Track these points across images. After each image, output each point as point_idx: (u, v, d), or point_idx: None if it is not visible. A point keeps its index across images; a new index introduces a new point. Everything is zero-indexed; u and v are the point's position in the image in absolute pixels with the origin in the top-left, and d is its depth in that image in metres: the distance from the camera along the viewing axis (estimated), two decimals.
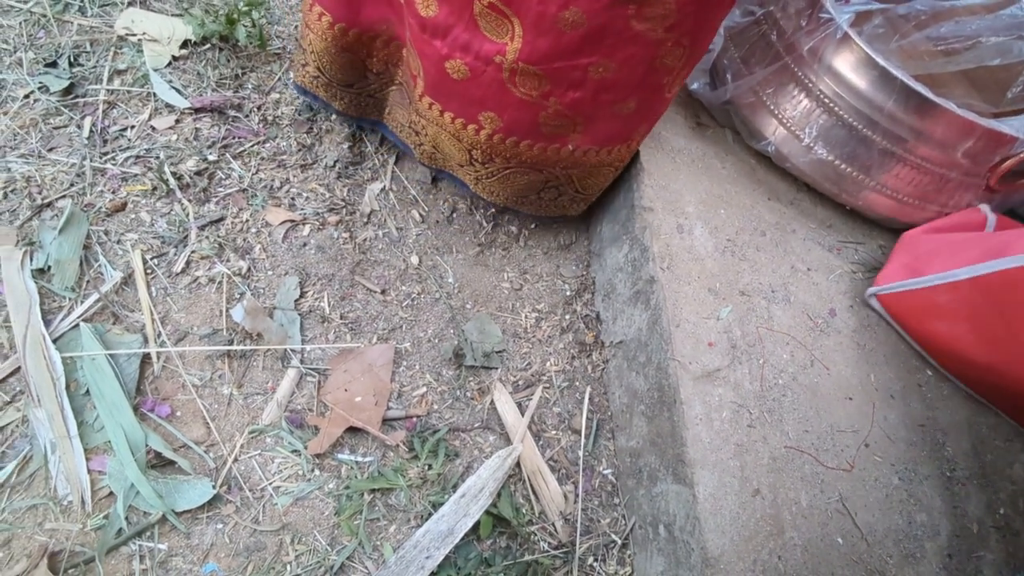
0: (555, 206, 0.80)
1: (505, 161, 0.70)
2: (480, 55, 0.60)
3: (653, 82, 0.63)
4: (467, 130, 0.68)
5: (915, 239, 0.73)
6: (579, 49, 0.57)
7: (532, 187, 0.75)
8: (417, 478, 0.64)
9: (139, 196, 0.76)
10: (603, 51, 0.58)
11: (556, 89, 0.61)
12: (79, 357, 0.64)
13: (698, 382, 0.60)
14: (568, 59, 0.58)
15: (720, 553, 0.52)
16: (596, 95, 0.62)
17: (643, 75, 0.61)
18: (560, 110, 0.63)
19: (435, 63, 0.63)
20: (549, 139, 0.67)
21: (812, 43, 0.72)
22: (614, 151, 0.71)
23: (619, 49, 0.58)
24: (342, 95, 0.78)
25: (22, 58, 0.83)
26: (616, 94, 0.62)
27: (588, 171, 0.73)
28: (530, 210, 0.80)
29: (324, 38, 0.72)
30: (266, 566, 0.58)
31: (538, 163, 0.70)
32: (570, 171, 0.73)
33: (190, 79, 0.86)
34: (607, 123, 0.66)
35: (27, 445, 0.60)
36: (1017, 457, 0.64)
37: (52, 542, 0.56)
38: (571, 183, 0.75)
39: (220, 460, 0.63)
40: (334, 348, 0.71)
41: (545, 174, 0.73)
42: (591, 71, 0.59)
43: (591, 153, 0.70)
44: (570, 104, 0.62)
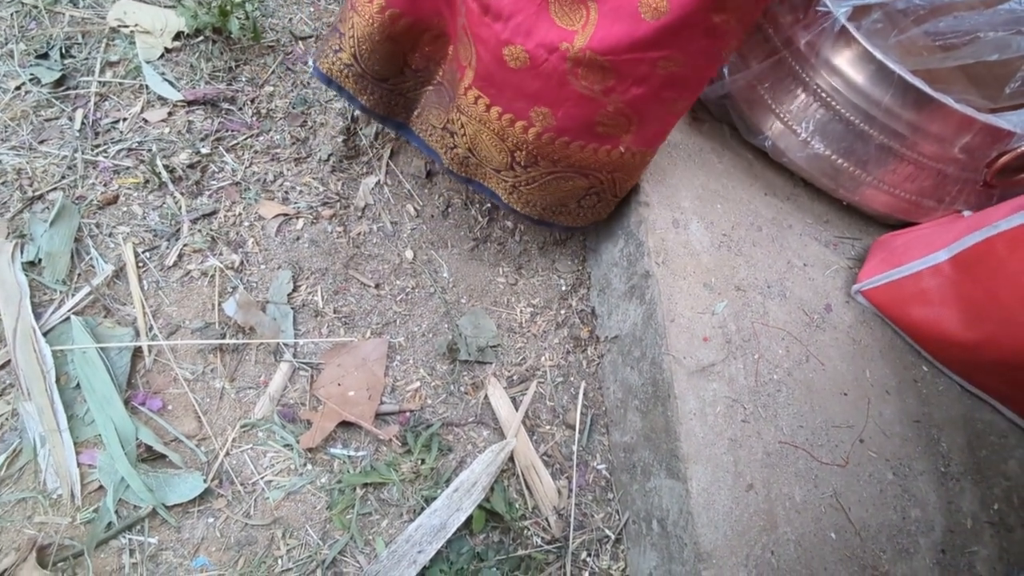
0: (592, 213, 0.75)
1: (551, 164, 0.66)
2: (544, 42, 0.57)
3: (707, 77, 0.62)
4: (514, 127, 0.64)
5: (890, 238, 0.74)
6: (655, 41, 0.55)
7: (574, 194, 0.71)
8: (410, 473, 0.64)
9: (131, 189, 0.75)
10: (678, 44, 0.55)
11: (620, 84, 0.58)
12: (70, 350, 0.63)
13: (692, 377, 0.60)
14: (640, 51, 0.55)
15: (713, 548, 0.52)
16: (659, 91, 0.60)
17: (704, 70, 0.60)
18: (620, 107, 0.60)
19: (492, 49, 0.60)
20: (601, 139, 0.64)
21: (809, 37, 0.72)
22: (652, 152, 0.68)
23: (693, 42, 0.55)
24: (373, 89, 0.73)
25: (13, 50, 0.82)
26: (678, 91, 0.61)
27: (630, 173, 0.70)
28: (566, 221, 0.76)
29: (371, 23, 0.67)
30: (257, 560, 0.58)
31: (586, 166, 0.67)
32: (615, 174, 0.69)
33: (183, 71, 0.85)
34: (658, 123, 0.65)
35: (17, 438, 0.59)
36: (1011, 453, 0.64)
37: (41, 535, 0.56)
38: (612, 187, 0.71)
39: (211, 454, 0.62)
40: (327, 342, 0.71)
41: (590, 179, 0.69)
42: (660, 65, 0.57)
43: (638, 155, 0.67)
44: (631, 101, 0.60)
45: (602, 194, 0.72)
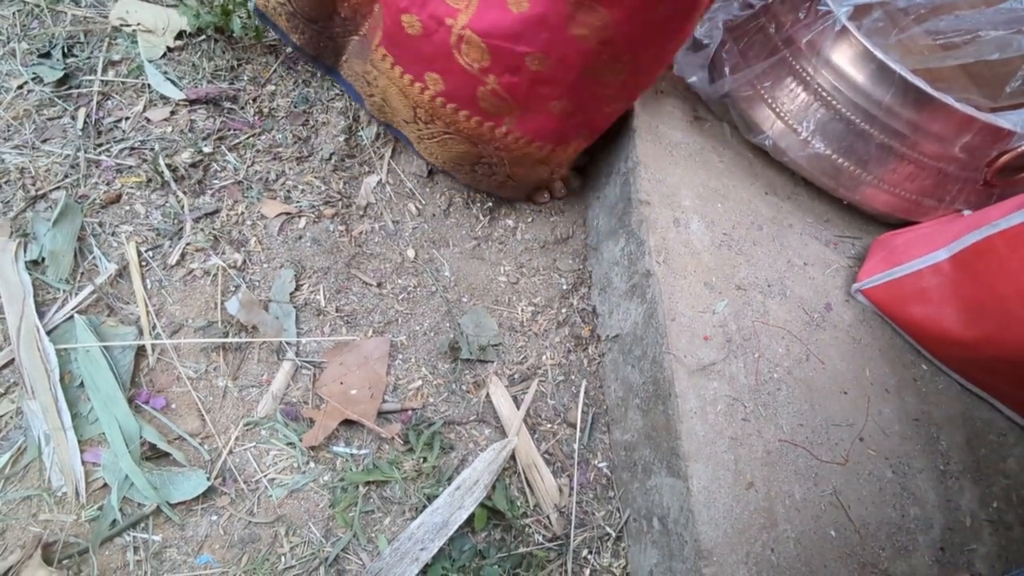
0: (488, 183, 0.79)
1: (445, 126, 0.71)
2: (435, 14, 0.61)
3: (589, 92, 0.64)
4: (413, 87, 0.68)
5: (890, 237, 0.74)
6: (519, 34, 0.58)
7: (466, 158, 0.75)
8: (412, 471, 0.64)
9: (134, 188, 0.76)
10: (539, 44, 0.59)
11: (495, 67, 0.61)
12: (73, 349, 0.64)
13: (693, 376, 0.60)
14: (508, 41, 0.59)
15: (713, 546, 0.52)
16: (531, 86, 0.63)
17: (576, 80, 0.62)
18: (497, 90, 0.63)
19: (393, 14, 0.65)
20: (485, 115, 0.67)
21: (810, 36, 0.72)
22: (546, 148, 0.71)
23: (554, 47, 0.58)
24: (304, 29, 0.78)
25: (15, 48, 0.82)
26: (550, 90, 0.63)
27: (517, 159, 0.73)
28: (465, 180, 0.81)
29: None
30: (260, 558, 0.58)
31: (473, 136, 0.70)
32: (501, 153, 0.72)
33: (185, 70, 0.85)
34: (541, 117, 0.67)
35: (21, 437, 0.60)
36: (1011, 451, 0.65)
37: (46, 533, 0.56)
38: (503, 165, 0.75)
39: (215, 452, 0.63)
40: (329, 341, 0.71)
41: (479, 148, 0.72)
42: (528, 61, 0.60)
43: (522, 142, 0.70)
44: (506, 87, 0.63)
45: (494, 168, 0.75)
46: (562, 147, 0.72)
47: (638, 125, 0.77)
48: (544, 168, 0.75)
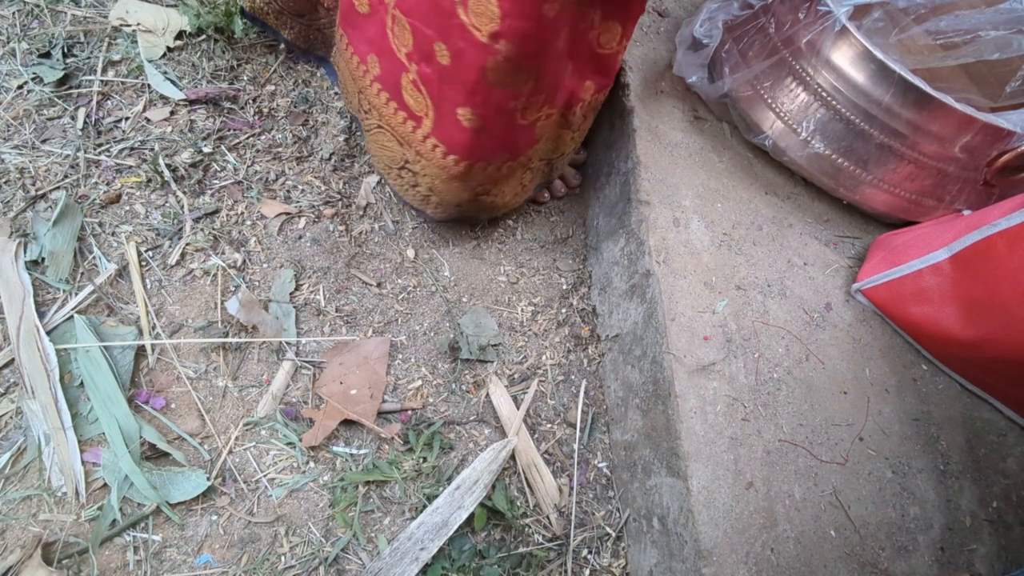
0: (413, 194, 0.73)
1: (378, 117, 0.67)
2: None
3: (493, 100, 0.56)
4: (358, 69, 0.66)
5: (889, 237, 0.74)
6: (427, 15, 0.53)
7: (394, 160, 0.70)
8: (412, 471, 0.64)
9: (133, 188, 0.76)
10: (440, 30, 0.53)
11: (415, 52, 0.57)
12: (73, 349, 0.64)
13: (693, 376, 0.60)
14: (421, 20, 0.54)
15: (713, 545, 0.52)
16: (441, 83, 0.57)
17: (476, 83, 0.54)
18: (416, 81, 0.59)
19: None
20: (408, 111, 0.63)
21: (810, 36, 0.72)
22: (461, 164, 0.64)
23: (451, 36, 0.52)
24: (292, 24, 0.78)
25: (15, 48, 0.82)
26: (455, 93, 0.57)
27: (435, 170, 0.66)
28: (394, 186, 0.75)
29: None
30: (260, 557, 0.58)
31: (398, 135, 0.66)
32: (422, 160, 0.66)
33: (185, 70, 0.85)
34: (452, 126, 0.60)
35: (21, 436, 0.60)
36: (1010, 451, 0.64)
37: (46, 533, 0.56)
38: (424, 176, 0.68)
39: (215, 452, 0.63)
40: (329, 341, 0.71)
41: (404, 151, 0.67)
42: (436, 50, 0.54)
43: (439, 151, 0.64)
44: (423, 79, 0.58)
45: (416, 177, 0.69)
46: (480, 165, 0.65)
47: (638, 125, 0.77)
48: (464, 188, 0.68)
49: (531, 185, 0.79)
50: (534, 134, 0.65)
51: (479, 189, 0.69)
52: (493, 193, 0.72)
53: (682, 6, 0.94)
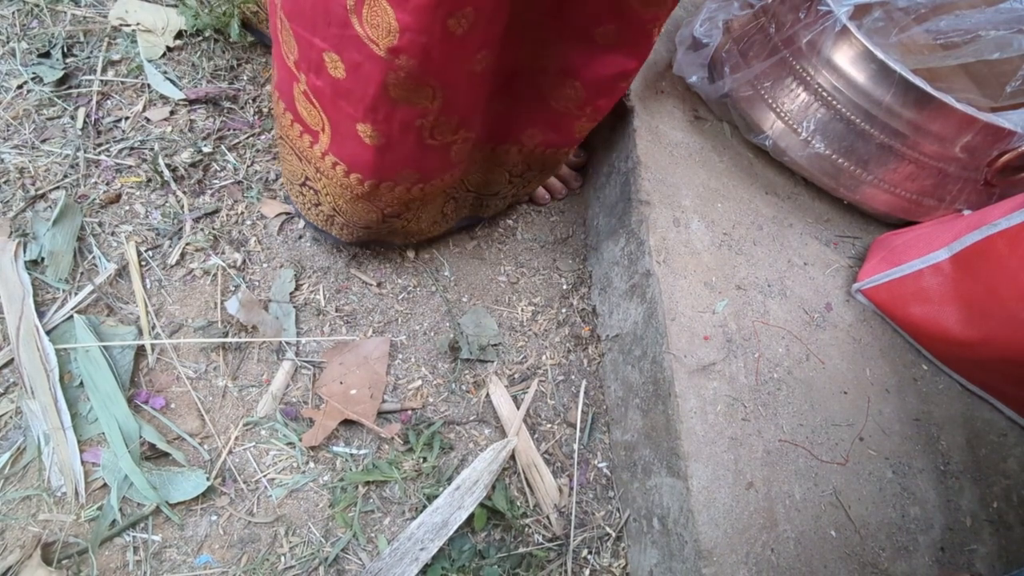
0: (316, 214, 0.67)
1: (280, 128, 0.62)
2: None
3: (397, 116, 0.51)
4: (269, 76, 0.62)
5: (890, 237, 0.74)
6: (312, 23, 0.47)
7: (295, 175, 0.64)
8: (412, 471, 0.64)
9: (133, 188, 0.75)
10: (332, 40, 0.47)
11: (302, 62, 0.51)
12: (73, 349, 0.64)
13: (693, 376, 0.60)
14: (306, 27, 0.48)
15: (713, 545, 0.52)
16: (335, 97, 0.51)
17: (376, 98, 0.49)
18: (307, 93, 0.53)
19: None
20: (304, 125, 0.57)
21: (810, 36, 0.72)
22: (366, 184, 0.58)
23: (345, 47, 0.47)
24: None
25: (15, 48, 0.82)
26: (353, 108, 0.51)
27: (338, 190, 0.60)
28: (298, 204, 0.68)
29: None
30: (260, 558, 0.58)
31: (296, 148, 0.60)
32: (323, 179, 0.61)
33: (185, 70, 0.85)
34: (352, 142, 0.54)
35: (21, 436, 0.60)
36: (1011, 451, 0.64)
37: (45, 533, 0.56)
38: (327, 195, 0.62)
39: (214, 452, 0.63)
40: (329, 341, 0.71)
41: (304, 167, 0.62)
42: (327, 60, 0.49)
43: (340, 169, 0.58)
44: (314, 91, 0.52)
45: (319, 196, 0.63)
46: (387, 185, 0.59)
47: (638, 125, 0.77)
48: (371, 209, 0.62)
49: (454, 215, 0.73)
50: (448, 157, 0.59)
51: (388, 211, 0.63)
52: (406, 217, 0.66)
53: (682, 6, 0.94)
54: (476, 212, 0.77)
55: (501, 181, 0.71)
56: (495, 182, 0.71)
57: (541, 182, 0.80)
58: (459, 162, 0.61)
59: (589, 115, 0.64)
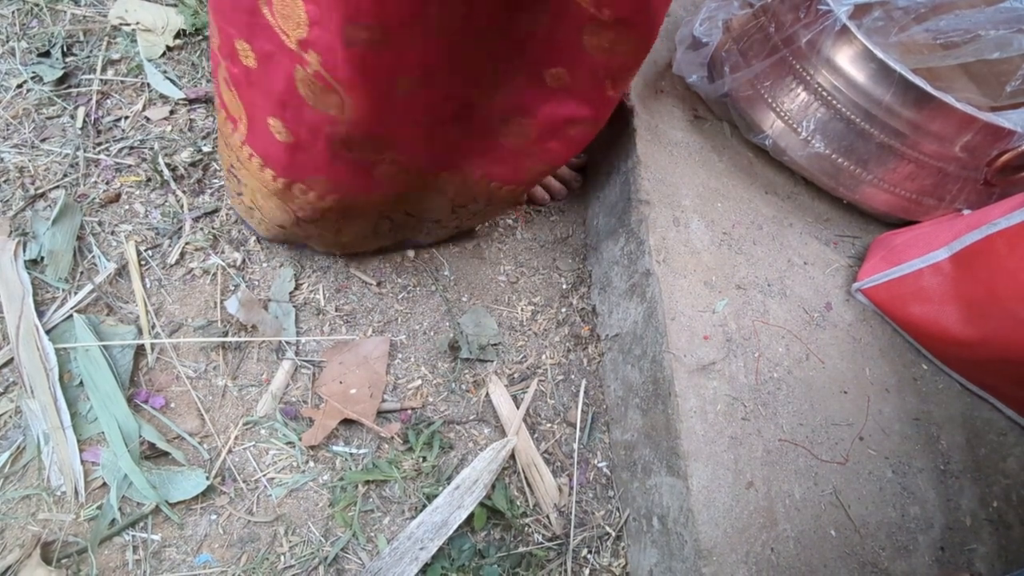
0: (240, 204, 0.66)
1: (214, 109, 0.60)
2: None
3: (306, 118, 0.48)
4: None
5: (890, 236, 0.74)
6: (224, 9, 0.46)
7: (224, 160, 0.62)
8: (411, 470, 0.64)
9: (133, 187, 0.75)
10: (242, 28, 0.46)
11: (223, 48, 0.49)
12: (72, 348, 0.64)
13: (693, 375, 0.60)
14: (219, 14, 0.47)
15: (713, 545, 0.52)
16: (249, 86, 0.50)
17: (284, 92, 0.47)
18: (227, 78, 0.52)
19: None
20: (226, 109, 0.56)
21: (810, 36, 0.72)
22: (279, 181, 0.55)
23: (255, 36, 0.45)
24: None
25: (15, 47, 0.82)
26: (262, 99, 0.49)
27: (255, 184, 0.59)
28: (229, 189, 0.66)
29: None
30: (260, 557, 0.58)
31: (223, 134, 0.59)
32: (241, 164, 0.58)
33: (184, 69, 0.85)
34: (265, 136, 0.52)
35: (20, 436, 0.60)
36: (1011, 451, 0.64)
37: (45, 532, 0.56)
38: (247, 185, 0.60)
39: (214, 451, 0.63)
40: (329, 340, 0.71)
41: (228, 151, 0.60)
42: (239, 50, 0.47)
43: (256, 162, 0.56)
44: (233, 78, 0.51)
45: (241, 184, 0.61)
46: (300, 187, 0.56)
47: (638, 125, 0.77)
48: (284, 209, 0.59)
49: (390, 235, 0.71)
50: (371, 176, 0.55)
51: (302, 215, 0.60)
52: (322, 225, 0.63)
53: (682, 5, 0.94)
54: (415, 236, 0.73)
55: (443, 209, 0.67)
56: (435, 209, 0.67)
57: (488, 217, 0.77)
58: (387, 183, 0.58)
59: (540, 157, 0.61)
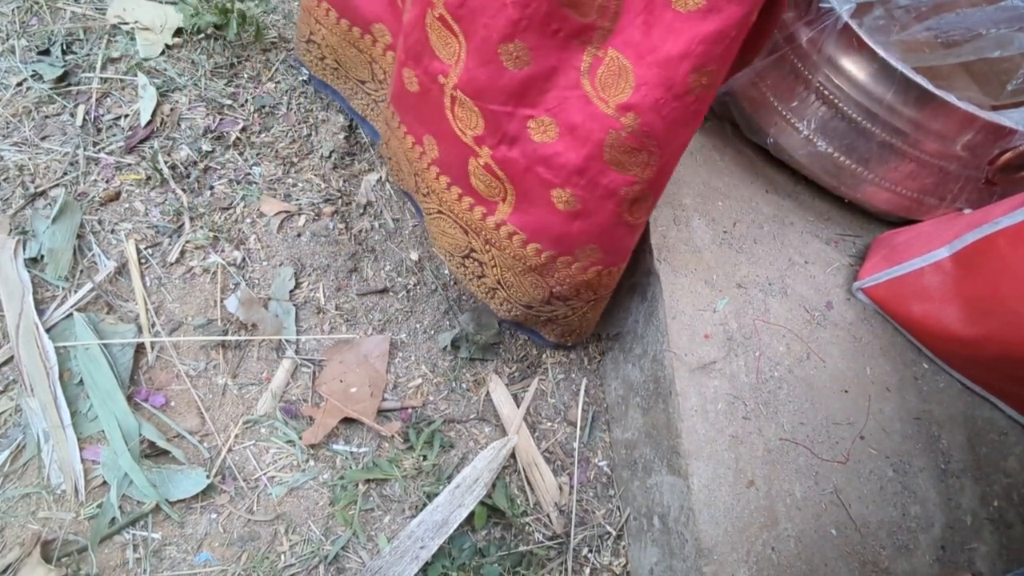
0: (478, 285, 0.65)
1: (438, 203, 0.61)
2: (428, 70, 0.54)
3: (604, 182, 0.49)
4: (414, 151, 0.61)
5: (891, 235, 0.74)
6: (520, 93, 0.48)
7: (457, 248, 0.63)
8: (412, 469, 0.64)
9: (133, 186, 0.75)
10: (547, 103, 0.48)
11: (490, 136, 0.52)
12: (72, 347, 0.63)
13: (694, 374, 0.60)
14: (505, 103, 0.49)
15: (714, 544, 0.52)
16: (531, 164, 0.51)
17: (586, 159, 0.48)
18: (490, 165, 0.53)
19: (397, 68, 0.58)
20: (477, 197, 0.57)
21: (812, 34, 0.72)
22: (543, 255, 0.56)
23: (566, 109, 0.47)
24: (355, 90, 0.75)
25: (15, 46, 0.82)
26: (555, 172, 0.50)
27: (509, 261, 0.59)
28: (456, 275, 0.67)
29: None
30: (260, 556, 0.58)
31: (463, 222, 0.60)
32: (492, 250, 0.60)
33: (184, 67, 0.85)
34: (541, 210, 0.53)
35: (20, 434, 0.59)
36: (1011, 450, 0.64)
37: (45, 531, 0.56)
38: (494, 267, 0.61)
39: (214, 450, 0.63)
40: (329, 339, 0.71)
41: (470, 239, 0.61)
42: (531, 128, 0.49)
43: (516, 240, 0.56)
44: (501, 162, 0.53)
45: (484, 267, 0.62)
46: (564, 259, 0.57)
47: None
48: (540, 284, 0.59)
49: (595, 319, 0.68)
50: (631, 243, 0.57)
51: (557, 290, 0.59)
52: (572, 305, 0.62)
53: None
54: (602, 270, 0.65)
55: None
56: None
57: None
58: None
59: None
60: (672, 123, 0.45)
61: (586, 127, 0.47)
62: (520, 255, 0.58)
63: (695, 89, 0.43)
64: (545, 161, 0.50)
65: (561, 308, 0.63)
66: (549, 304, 0.62)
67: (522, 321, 0.67)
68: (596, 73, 0.45)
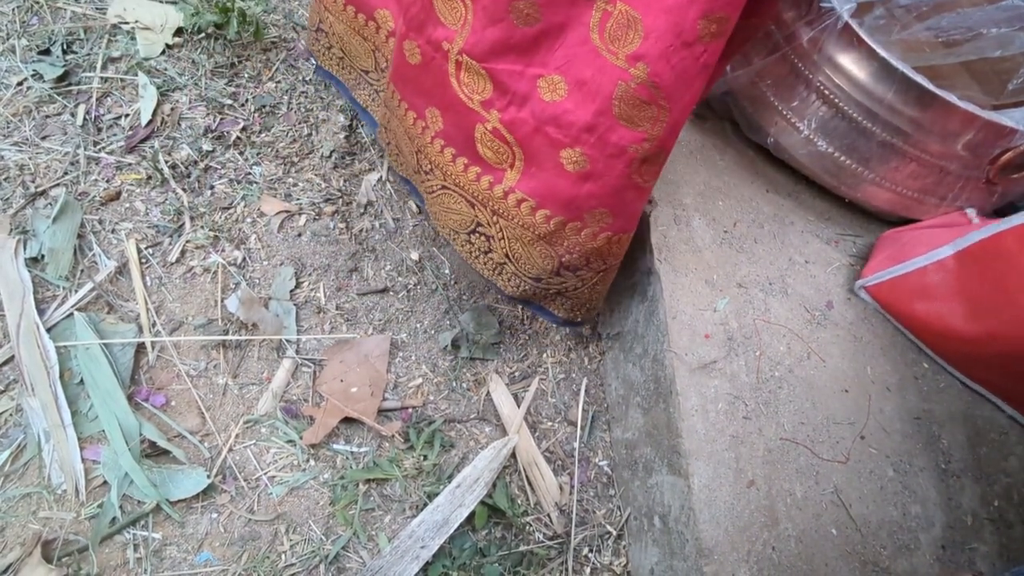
0: (484, 262, 0.63)
1: (443, 177, 0.60)
2: (432, 39, 0.53)
3: (613, 139, 0.49)
4: (416, 126, 0.60)
5: (896, 235, 0.74)
6: (530, 52, 0.49)
7: (463, 223, 0.62)
8: (412, 468, 0.64)
9: (133, 185, 0.75)
10: (556, 61, 0.48)
11: (498, 99, 0.52)
12: (73, 346, 0.63)
13: (694, 374, 0.60)
14: (515, 63, 0.50)
15: (714, 544, 0.52)
16: (541, 124, 0.51)
17: (596, 115, 0.48)
18: (498, 129, 0.53)
19: (398, 42, 0.58)
20: (484, 165, 0.57)
21: (812, 34, 0.72)
22: (553, 221, 0.55)
23: (576, 64, 0.47)
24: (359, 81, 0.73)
25: (15, 45, 0.82)
26: (564, 131, 0.50)
27: (517, 231, 0.58)
28: (462, 254, 0.65)
29: None
30: (260, 556, 0.58)
31: (469, 192, 0.59)
32: (500, 220, 0.58)
33: (185, 67, 0.85)
34: (550, 173, 0.53)
35: (21, 434, 0.59)
36: (1012, 450, 0.64)
37: (46, 531, 0.56)
38: (501, 239, 0.60)
39: (215, 450, 0.63)
40: (330, 339, 0.71)
41: (476, 212, 0.60)
42: (541, 88, 0.50)
43: (525, 207, 0.55)
44: (509, 124, 0.52)
45: (491, 241, 0.61)
46: (573, 224, 0.55)
47: None
48: (549, 253, 0.58)
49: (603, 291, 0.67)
50: (639, 209, 0.56)
51: (566, 259, 0.58)
52: (581, 274, 0.61)
53: None
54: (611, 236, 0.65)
55: None
56: None
57: None
58: None
59: None
60: (681, 74, 0.45)
61: (596, 81, 0.47)
62: (528, 223, 0.57)
63: (704, 37, 0.43)
64: (555, 120, 0.50)
65: (571, 279, 0.62)
66: (558, 275, 0.61)
67: (530, 297, 0.65)
68: (605, 27, 0.45)
